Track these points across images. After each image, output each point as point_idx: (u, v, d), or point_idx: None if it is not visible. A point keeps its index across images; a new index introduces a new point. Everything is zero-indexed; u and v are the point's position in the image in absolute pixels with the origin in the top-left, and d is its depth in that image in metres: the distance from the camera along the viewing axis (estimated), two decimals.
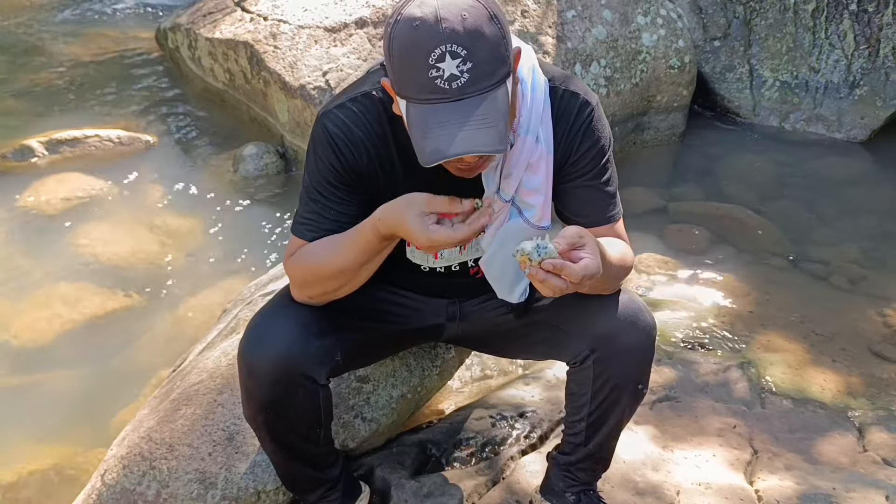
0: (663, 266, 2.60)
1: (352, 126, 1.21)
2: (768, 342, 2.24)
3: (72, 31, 4.35)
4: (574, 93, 1.26)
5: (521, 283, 1.35)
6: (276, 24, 3.24)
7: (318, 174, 1.24)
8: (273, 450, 1.35)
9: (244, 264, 2.59)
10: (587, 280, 1.07)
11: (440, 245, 1.13)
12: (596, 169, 1.28)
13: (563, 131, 1.25)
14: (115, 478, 1.44)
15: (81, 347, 2.21)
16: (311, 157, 1.25)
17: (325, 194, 1.24)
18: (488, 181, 1.24)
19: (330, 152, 1.22)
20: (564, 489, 1.48)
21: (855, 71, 3.55)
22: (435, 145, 1.04)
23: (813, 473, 1.71)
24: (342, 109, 1.22)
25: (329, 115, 1.23)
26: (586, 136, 1.26)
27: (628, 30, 3.26)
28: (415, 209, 1.13)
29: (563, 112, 1.25)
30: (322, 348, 1.26)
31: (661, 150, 3.39)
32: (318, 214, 1.24)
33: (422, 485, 1.55)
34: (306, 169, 1.27)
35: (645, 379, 1.38)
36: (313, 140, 1.24)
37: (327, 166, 1.22)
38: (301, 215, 1.27)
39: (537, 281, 1.07)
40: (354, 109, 1.22)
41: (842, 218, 2.95)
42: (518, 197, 1.26)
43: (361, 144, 1.22)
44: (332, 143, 1.21)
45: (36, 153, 3.09)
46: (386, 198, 1.21)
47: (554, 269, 1.05)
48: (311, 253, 1.23)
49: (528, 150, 1.23)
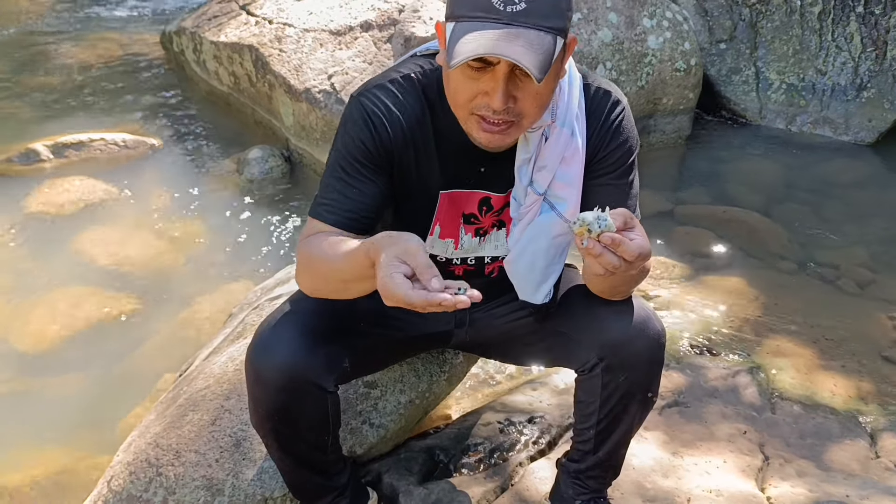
0: (670, 270, 2.58)
1: (391, 105, 1.20)
2: (777, 347, 2.23)
3: (77, 36, 4.36)
4: (607, 91, 1.27)
5: (548, 283, 1.33)
6: (281, 27, 3.24)
7: (345, 151, 1.20)
8: (281, 457, 1.33)
9: (250, 268, 2.59)
10: (640, 261, 1.04)
11: (388, 294, 1.00)
12: (622, 168, 1.28)
13: (594, 128, 1.25)
14: (121, 484, 1.43)
15: (87, 352, 2.21)
16: (340, 136, 1.22)
17: (350, 172, 1.20)
18: (521, 174, 1.23)
19: (364, 129, 1.19)
20: (574, 497, 1.47)
21: (862, 73, 3.54)
22: (472, 46, 1.04)
23: (825, 480, 1.69)
24: (381, 89, 1.21)
25: (367, 94, 1.21)
26: (616, 134, 1.26)
27: (634, 32, 3.25)
28: (398, 248, 1.02)
29: (595, 108, 1.25)
30: (330, 355, 1.25)
31: (667, 153, 3.38)
32: (339, 194, 1.20)
33: (430, 491, 1.54)
34: (333, 150, 1.23)
35: (654, 387, 1.36)
36: (346, 119, 1.22)
37: (358, 144, 1.19)
38: (321, 197, 1.23)
39: (592, 255, 1.03)
40: (394, 90, 1.21)
41: (850, 221, 2.93)
42: (551, 191, 1.25)
43: (399, 124, 1.20)
44: (368, 121, 1.19)
45: (41, 157, 3.09)
46: (414, 184, 1.20)
47: (612, 244, 1.02)
48: (318, 246, 1.18)
49: (564, 142, 1.23)
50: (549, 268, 1.31)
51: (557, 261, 1.32)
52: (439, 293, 0.97)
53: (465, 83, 1.10)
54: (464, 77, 1.10)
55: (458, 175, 1.25)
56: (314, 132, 3.03)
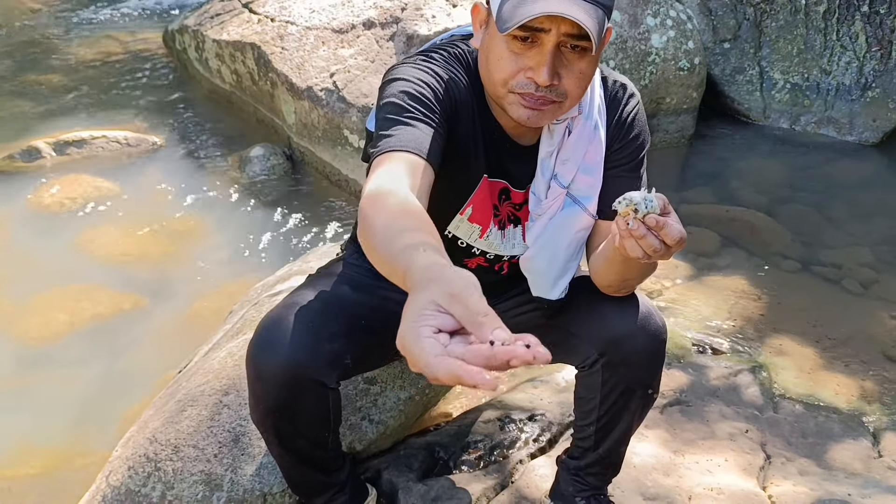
0: (673, 269, 2.57)
1: (448, 65, 1.16)
2: (780, 346, 2.21)
3: (79, 33, 4.37)
4: (623, 84, 1.28)
5: (565, 278, 1.30)
6: (283, 25, 3.24)
7: (403, 93, 1.09)
8: (280, 454, 1.33)
9: (250, 266, 2.58)
10: (678, 247, 1.01)
11: (407, 353, 0.70)
12: (635, 161, 1.27)
13: (611, 120, 1.25)
14: (119, 479, 1.43)
15: (86, 348, 2.20)
16: (391, 88, 1.11)
17: (407, 109, 1.08)
18: (543, 167, 1.22)
19: (426, 75, 1.12)
20: (574, 494, 1.46)
21: (867, 73, 3.52)
22: (529, 8, 1.02)
23: (827, 479, 1.68)
24: (429, 58, 1.17)
25: (415, 58, 1.17)
26: (632, 127, 1.26)
27: (637, 31, 3.24)
28: (440, 289, 0.72)
29: (612, 101, 1.26)
30: (332, 352, 1.24)
31: (670, 152, 3.37)
32: (396, 129, 1.06)
33: (429, 488, 1.53)
34: (383, 100, 1.11)
35: (655, 383, 1.35)
36: (398, 71, 1.13)
37: (418, 84, 1.10)
38: (375, 140, 1.08)
39: (635, 237, 0.99)
40: (443, 57, 1.17)
41: (853, 221, 2.92)
42: (574, 185, 1.24)
43: (456, 80, 1.16)
44: (429, 70, 1.14)
45: (43, 154, 3.10)
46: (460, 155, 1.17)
47: (656, 226, 0.99)
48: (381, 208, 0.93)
49: (588, 136, 1.22)
50: (569, 263, 1.29)
51: (576, 256, 1.31)
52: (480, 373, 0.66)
53: (509, 58, 1.09)
54: (508, 52, 1.08)
55: (489, 162, 1.23)
56: (316, 130, 3.02)
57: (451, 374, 0.67)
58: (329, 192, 3.01)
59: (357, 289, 1.33)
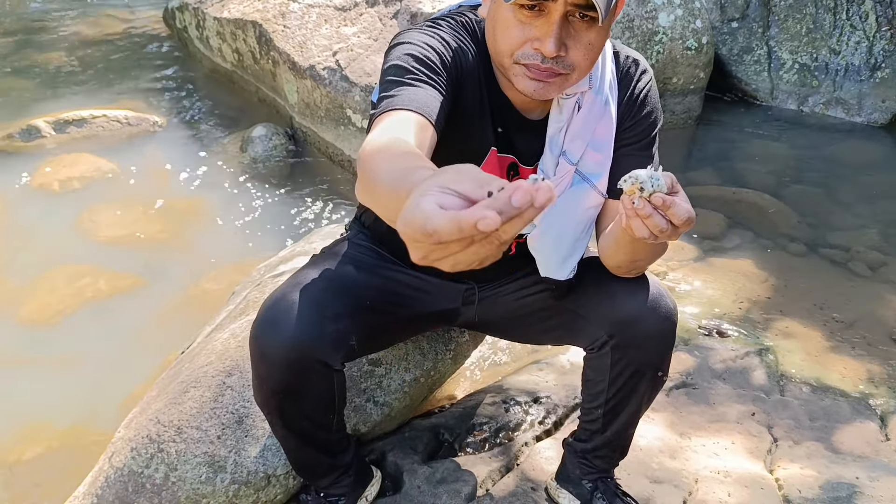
0: (680, 251, 2.55)
1: (454, 33, 1.14)
2: (786, 329, 2.20)
3: (79, 12, 4.31)
4: (636, 60, 1.24)
5: (574, 258, 1.28)
6: (285, 2, 3.19)
7: (409, 56, 1.07)
8: (284, 435, 1.31)
9: (253, 246, 2.56)
10: (686, 227, 0.97)
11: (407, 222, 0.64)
12: (647, 139, 1.24)
13: (623, 96, 1.22)
14: (122, 460, 1.42)
15: (89, 329, 2.19)
16: (397, 52, 1.08)
17: (412, 71, 1.06)
18: (552, 143, 1.19)
19: (432, 39, 1.11)
20: (581, 476, 1.45)
21: (876, 53, 3.47)
22: None
23: (835, 462, 1.67)
24: (437, 25, 1.15)
25: (423, 25, 1.15)
26: (644, 104, 1.23)
27: (645, 10, 3.18)
28: (445, 175, 0.67)
29: (624, 77, 1.22)
30: (337, 333, 1.21)
31: (676, 133, 3.33)
32: (399, 90, 1.03)
33: (434, 470, 1.52)
34: (387, 64, 1.09)
35: (665, 366, 1.33)
36: (405, 37, 1.11)
37: (425, 50, 1.08)
38: (377, 102, 1.06)
39: (640, 217, 0.96)
40: (452, 26, 1.15)
41: (861, 203, 2.89)
42: (583, 161, 1.21)
43: (464, 49, 1.14)
44: (436, 35, 1.12)
45: (43, 133, 3.07)
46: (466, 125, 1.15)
47: (662, 205, 0.95)
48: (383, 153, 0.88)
49: (598, 111, 1.19)
50: (577, 242, 1.27)
51: (584, 235, 1.28)
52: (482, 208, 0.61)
53: (515, 28, 1.05)
54: (514, 21, 1.05)
55: (497, 135, 1.20)
56: (318, 110, 2.99)
57: (450, 221, 0.61)
58: (332, 172, 2.98)
59: (361, 269, 1.31)
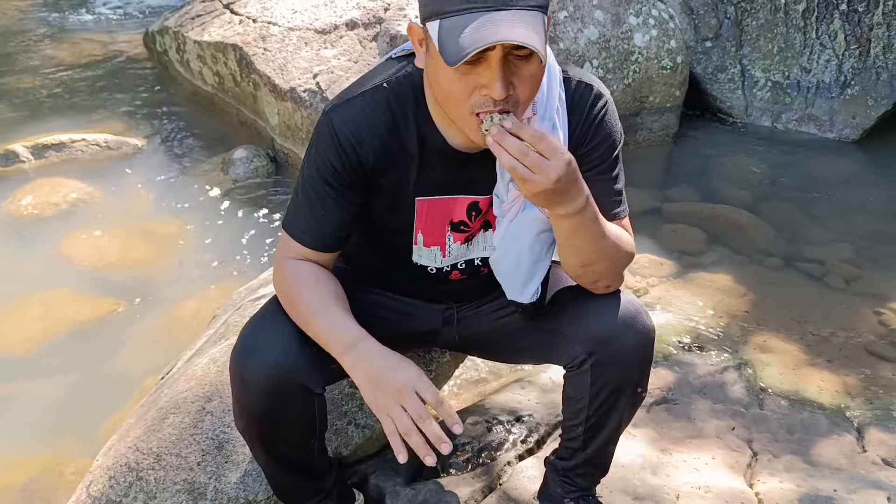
0: (658, 267, 2.58)
1: (359, 122, 1.18)
2: (764, 343, 2.23)
3: (58, 35, 4.31)
4: (588, 84, 1.24)
5: (534, 281, 1.29)
6: (265, 26, 3.21)
7: (315, 171, 1.21)
8: (265, 460, 1.31)
9: (234, 269, 2.56)
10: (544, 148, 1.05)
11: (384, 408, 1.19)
12: (606, 163, 1.26)
13: (576, 122, 1.23)
14: (100, 489, 1.40)
15: (67, 355, 2.17)
16: (311, 153, 1.23)
17: (320, 193, 1.21)
18: (501, 171, 1.20)
19: (332, 151, 1.19)
20: (563, 495, 1.45)
21: (846, 71, 3.56)
22: (472, 38, 1.01)
23: (813, 475, 1.69)
24: (350, 105, 1.20)
25: (336, 111, 1.20)
26: (599, 129, 1.24)
27: (620, 30, 3.25)
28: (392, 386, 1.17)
29: (576, 103, 1.23)
30: (317, 356, 1.22)
31: (654, 150, 3.38)
32: (311, 215, 1.23)
33: (417, 492, 1.52)
34: (305, 163, 1.24)
35: (644, 382, 1.35)
36: (317, 136, 1.21)
37: (327, 164, 1.20)
38: (293, 214, 1.26)
39: (496, 144, 1.05)
40: (363, 104, 1.19)
41: (835, 217, 2.94)
42: None
43: (369, 141, 1.19)
44: (336, 141, 1.18)
45: (21, 158, 3.05)
46: (392, 195, 1.22)
47: (513, 127, 1.05)
48: (303, 287, 1.23)
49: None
50: (536, 265, 1.29)
51: (544, 258, 1.30)
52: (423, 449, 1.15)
53: (459, 81, 1.07)
54: (457, 75, 1.06)
55: (437, 182, 1.23)
56: (299, 132, 3.00)
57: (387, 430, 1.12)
58: None
59: None
